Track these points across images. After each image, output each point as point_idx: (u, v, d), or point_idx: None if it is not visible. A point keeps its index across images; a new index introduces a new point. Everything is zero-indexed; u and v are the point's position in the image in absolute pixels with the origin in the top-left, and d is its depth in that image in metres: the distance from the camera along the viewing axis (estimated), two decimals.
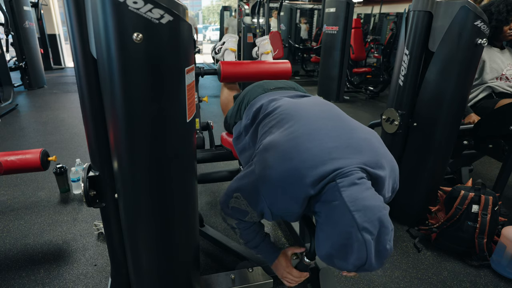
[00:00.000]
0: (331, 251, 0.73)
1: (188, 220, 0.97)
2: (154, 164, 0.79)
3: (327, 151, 0.79)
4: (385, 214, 0.71)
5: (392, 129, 1.78)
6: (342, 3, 4.50)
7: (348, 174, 0.75)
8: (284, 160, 0.80)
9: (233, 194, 0.91)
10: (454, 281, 1.52)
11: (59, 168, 2.10)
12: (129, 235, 0.92)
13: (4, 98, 4.28)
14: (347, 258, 0.70)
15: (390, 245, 0.71)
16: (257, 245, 1.07)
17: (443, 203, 1.73)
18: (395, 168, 0.86)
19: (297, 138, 0.83)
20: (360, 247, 0.68)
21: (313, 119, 0.90)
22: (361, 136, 0.85)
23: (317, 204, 0.79)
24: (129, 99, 0.70)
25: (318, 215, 0.79)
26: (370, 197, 0.73)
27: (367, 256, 0.68)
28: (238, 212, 0.93)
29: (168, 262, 0.96)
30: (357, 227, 0.68)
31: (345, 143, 0.81)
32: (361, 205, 0.70)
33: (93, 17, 0.66)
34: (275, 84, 1.24)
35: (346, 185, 0.73)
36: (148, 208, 0.85)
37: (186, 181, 0.90)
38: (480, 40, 1.51)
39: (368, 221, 0.68)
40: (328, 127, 0.86)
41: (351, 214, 0.69)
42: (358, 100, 5.28)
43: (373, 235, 0.68)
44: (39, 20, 6.28)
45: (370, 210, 0.70)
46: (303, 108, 0.97)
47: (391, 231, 0.71)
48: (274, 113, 1.00)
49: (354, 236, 0.68)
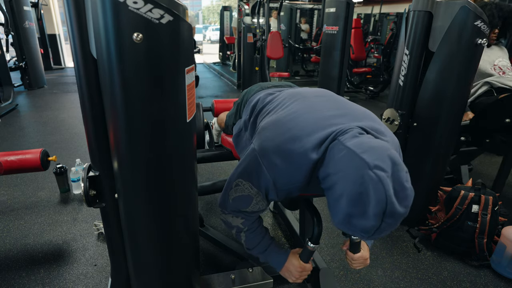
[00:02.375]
0: (348, 208, 0.66)
1: (188, 220, 0.97)
2: (154, 164, 0.79)
3: (326, 117, 0.80)
4: (395, 154, 0.67)
5: (392, 129, 1.78)
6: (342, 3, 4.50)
7: (348, 130, 0.74)
8: (283, 132, 0.80)
9: (234, 183, 0.89)
10: (454, 281, 1.52)
11: (59, 168, 2.10)
12: (129, 235, 0.92)
13: (4, 98, 4.28)
14: (366, 210, 0.63)
15: (408, 184, 0.65)
16: (264, 249, 1.02)
17: (443, 203, 1.73)
18: (394, 137, 0.84)
19: (294, 112, 0.85)
20: (376, 187, 0.61)
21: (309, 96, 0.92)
22: (359, 108, 0.88)
23: (322, 169, 0.75)
24: (129, 99, 0.70)
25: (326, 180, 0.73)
26: (376, 141, 0.71)
27: (386, 196, 0.61)
28: (242, 201, 0.89)
29: (168, 262, 0.96)
30: (368, 166, 0.63)
31: (344, 112, 0.83)
32: (367, 146, 0.67)
33: (93, 17, 0.66)
34: (272, 84, 1.27)
35: (348, 138, 0.72)
36: (148, 208, 0.85)
37: (186, 181, 0.90)
38: (480, 40, 1.51)
39: (379, 159, 0.64)
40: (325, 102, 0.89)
41: (359, 156, 0.65)
42: (358, 100, 5.28)
43: (387, 172, 0.63)
44: (39, 20, 6.28)
45: (377, 149, 0.67)
46: (299, 93, 0.99)
47: (405, 169, 0.67)
48: (272, 101, 1.02)
49: (367, 177, 0.62)
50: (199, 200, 2.07)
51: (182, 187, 0.89)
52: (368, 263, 1.04)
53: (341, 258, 1.64)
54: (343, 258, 1.63)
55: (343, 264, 1.59)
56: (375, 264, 1.61)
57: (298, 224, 1.73)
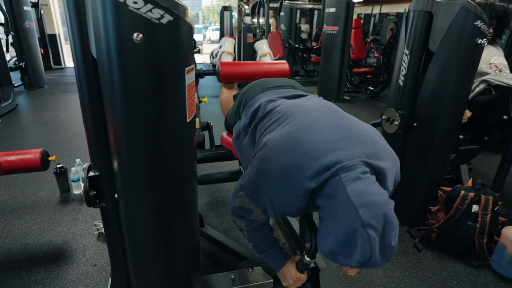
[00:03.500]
0: (334, 247, 0.71)
1: (188, 220, 0.97)
2: (154, 164, 0.79)
3: (327, 142, 0.78)
4: (390, 209, 0.70)
5: (392, 129, 1.78)
6: (342, 3, 4.50)
7: (352, 168, 0.73)
8: (283, 153, 0.79)
9: (238, 194, 0.90)
10: (454, 281, 1.52)
11: (59, 168, 2.10)
12: (129, 235, 0.92)
13: (4, 98, 4.28)
14: (351, 255, 0.68)
15: (395, 241, 0.69)
16: (265, 250, 1.05)
17: (443, 203, 1.73)
18: (395, 160, 0.85)
19: (296, 131, 0.83)
20: (364, 243, 0.66)
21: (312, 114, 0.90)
22: (360, 128, 0.85)
23: (319, 199, 0.77)
24: (129, 99, 0.70)
25: (322, 210, 0.77)
26: (375, 191, 0.71)
27: (371, 253, 0.66)
28: (243, 212, 0.92)
29: (168, 262, 0.96)
30: (362, 223, 0.66)
31: (345, 134, 0.81)
32: (366, 200, 0.68)
33: (93, 17, 0.66)
34: (273, 83, 1.24)
35: (350, 179, 0.71)
36: (148, 208, 0.85)
37: (186, 181, 0.90)
38: (480, 40, 1.51)
39: (373, 217, 0.67)
40: (327, 121, 0.86)
41: (356, 210, 0.67)
42: (358, 100, 5.28)
43: (378, 231, 0.67)
44: (39, 20, 6.27)
45: (375, 205, 0.68)
46: (301, 106, 0.97)
47: (396, 227, 0.70)
48: (272, 113, 1.00)
49: (359, 232, 0.66)
50: (199, 200, 2.07)
51: (182, 187, 0.89)
52: None
53: None
54: None
55: None
56: None
57: (298, 224, 1.73)
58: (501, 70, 1.97)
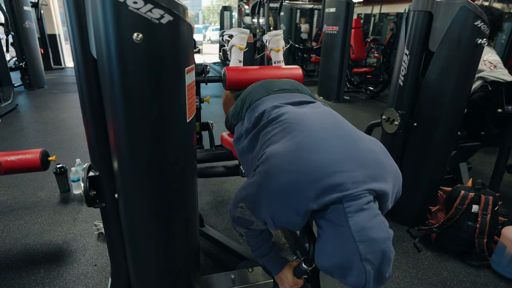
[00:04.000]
0: (331, 268, 0.75)
1: (188, 220, 0.97)
2: (154, 164, 0.79)
3: (331, 163, 0.77)
4: (389, 246, 0.73)
5: (392, 129, 1.78)
6: (342, 3, 4.50)
7: (356, 197, 0.73)
8: (286, 172, 0.79)
9: (239, 204, 0.91)
10: (454, 281, 1.52)
11: (59, 168, 2.10)
12: (129, 235, 0.92)
13: (4, 98, 4.28)
14: (346, 278, 0.73)
15: (389, 272, 0.74)
16: (263, 255, 1.06)
17: (443, 203, 1.73)
18: (398, 177, 0.84)
19: (300, 149, 0.82)
20: (359, 274, 0.70)
21: (317, 130, 0.88)
22: (365, 146, 0.84)
23: (320, 220, 0.78)
24: (129, 99, 0.70)
25: (321, 229, 0.79)
26: (377, 227, 0.73)
27: (365, 282, 0.70)
28: (244, 222, 0.93)
29: (168, 262, 0.96)
30: (360, 257, 0.69)
31: (349, 155, 0.80)
32: (366, 237, 0.70)
33: (93, 17, 0.66)
34: (279, 85, 1.21)
35: (353, 211, 0.72)
36: (148, 208, 0.85)
37: (186, 181, 0.90)
38: (480, 40, 1.51)
39: (371, 253, 0.70)
40: (332, 138, 0.85)
41: (356, 244, 0.70)
42: (358, 100, 5.28)
43: (374, 265, 0.70)
44: (39, 20, 6.27)
45: (374, 243, 0.71)
46: (306, 118, 0.95)
47: (391, 260, 0.74)
48: (277, 121, 0.98)
49: (356, 264, 0.70)
50: (199, 200, 2.07)
51: (182, 187, 0.89)
52: None
53: None
54: None
55: None
56: None
57: None
58: (496, 66, 2.01)
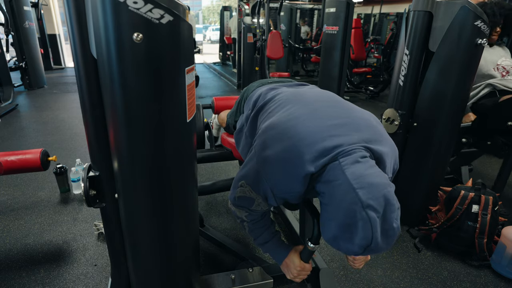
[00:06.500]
0: (336, 232, 0.71)
1: (188, 220, 0.97)
2: (154, 164, 0.79)
3: (326, 128, 0.78)
4: (391, 192, 0.69)
5: (392, 129, 1.78)
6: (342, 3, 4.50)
7: (351, 152, 0.73)
8: (282, 140, 0.79)
9: (239, 184, 0.91)
10: (454, 281, 1.52)
11: (59, 168, 2.10)
12: (129, 235, 0.92)
13: (4, 98, 4.28)
14: (353, 239, 0.67)
15: (397, 223, 0.69)
16: (266, 241, 1.04)
17: (443, 203, 1.73)
18: (394, 147, 0.85)
19: (295, 118, 0.83)
20: (365, 225, 0.65)
21: (311, 101, 0.90)
22: (359, 115, 0.86)
23: (319, 184, 0.77)
24: (129, 99, 0.70)
25: (322, 196, 0.77)
26: (375, 174, 0.71)
27: (372, 235, 0.65)
28: (245, 201, 0.92)
29: (168, 262, 0.96)
30: (361, 204, 0.66)
31: (344, 121, 0.81)
32: (365, 182, 0.68)
33: (93, 17, 0.66)
34: (272, 79, 1.27)
35: (349, 163, 0.71)
36: (148, 208, 0.85)
37: (186, 181, 0.90)
38: (480, 40, 1.51)
39: (373, 198, 0.66)
40: (326, 108, 0.87)
41: (355, 192, 0.67)
42: (358, 100, 5.28)
43: (379, 212, 0.66)
44: (39, 20, 6.27)
45: (374, 187, 0.68)
46: (301, 94, 0.98)
47: (397, 209, 0.69)
48: (273, 100, 1.01)
49: (359, 214, 0.66)
50: (199, 200, 2.07)
51: (182, 187, 0.89)
52: (369, 258, 1.08)
53: (341, 258, 1.63)
54: (343, 258, 1.63)
55: (343, 264, 1.59)
56: (375, 264, 1.61)
57: (298, 224, 1.72)
58: (509, 72, 1.94)
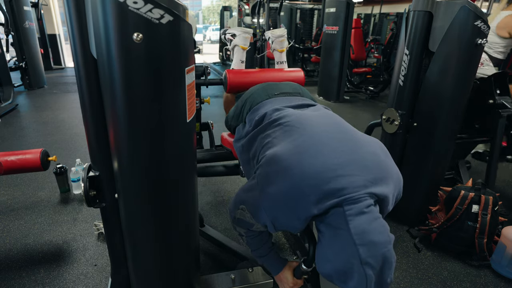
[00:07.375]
0: (331, 273, 0.74)
1: (188, 220, 0.97)
2: (154, 164, 0.79)
3: (331, 168, 0.76)
4: (390, 250, 0.72)
5: (392, 129, 1.78)
6: (342, 3, 4.50)
7: (357, 201, 0.72)
8: (286, 177, 0.77)
9: (239, 206, 0.91)
10: (454, 281, 1.52)
11: (59, 168, 2.10)
12: (129, 235, 0.92)
13: (4, 98, 4.28)
14: (347, 283, 0.72)
15: (391, 278, 0.72)
16: (263, 255, 1.06)
17: (443, 203, 1.73)
18: (399, 179, 0.84)
19: (300, 153, 0.80)
20: (360, 279, 0.69)
21: (317, 133, 0.86)
22: (366, 150, 0.83)
23: (320, 224, 0.78)
24: (129, 99, 0.70)
25: (321, 234, 0.78)
26: (377, 230, 0.72)
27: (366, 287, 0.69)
28: (244, 223, 0.94)
29: (168, 262, 0.96)
30: (360, 260, 0.69)
31: (350, 159, 0.78)
32: (367, 240, 0.70)
33: (93, 17, 0.66)
34: (280, 88, 1.20)
35: (353, 214, 0.71)
36: (148, 208, 0.85)
37: (186, 181, 0.90)
38: (480, 40, 1.51)
39: (372, 257, 0.69)
40: (333, 141, 0.83)
41: (356, 247, 0.69)
42: (358, 100, 5.28)
43: (375, 269, 0.69)
44: (39, 20, 6.27)
45: (375, 246, 0.70)
46: (307, 120, 0.93)
47: (393, 265, 0.72)
48: (278, 123, 0.97)
49: (356, 268, 0.69)
50: (199, 200, 2.07)
51: (182, 187, 0.89)
52: None
53: None
54: None
55: None
56: None
57: None
58: (482, 63, 2.12)
